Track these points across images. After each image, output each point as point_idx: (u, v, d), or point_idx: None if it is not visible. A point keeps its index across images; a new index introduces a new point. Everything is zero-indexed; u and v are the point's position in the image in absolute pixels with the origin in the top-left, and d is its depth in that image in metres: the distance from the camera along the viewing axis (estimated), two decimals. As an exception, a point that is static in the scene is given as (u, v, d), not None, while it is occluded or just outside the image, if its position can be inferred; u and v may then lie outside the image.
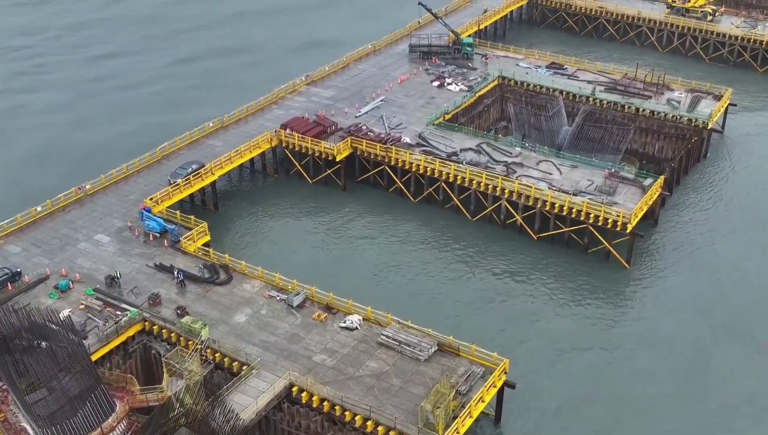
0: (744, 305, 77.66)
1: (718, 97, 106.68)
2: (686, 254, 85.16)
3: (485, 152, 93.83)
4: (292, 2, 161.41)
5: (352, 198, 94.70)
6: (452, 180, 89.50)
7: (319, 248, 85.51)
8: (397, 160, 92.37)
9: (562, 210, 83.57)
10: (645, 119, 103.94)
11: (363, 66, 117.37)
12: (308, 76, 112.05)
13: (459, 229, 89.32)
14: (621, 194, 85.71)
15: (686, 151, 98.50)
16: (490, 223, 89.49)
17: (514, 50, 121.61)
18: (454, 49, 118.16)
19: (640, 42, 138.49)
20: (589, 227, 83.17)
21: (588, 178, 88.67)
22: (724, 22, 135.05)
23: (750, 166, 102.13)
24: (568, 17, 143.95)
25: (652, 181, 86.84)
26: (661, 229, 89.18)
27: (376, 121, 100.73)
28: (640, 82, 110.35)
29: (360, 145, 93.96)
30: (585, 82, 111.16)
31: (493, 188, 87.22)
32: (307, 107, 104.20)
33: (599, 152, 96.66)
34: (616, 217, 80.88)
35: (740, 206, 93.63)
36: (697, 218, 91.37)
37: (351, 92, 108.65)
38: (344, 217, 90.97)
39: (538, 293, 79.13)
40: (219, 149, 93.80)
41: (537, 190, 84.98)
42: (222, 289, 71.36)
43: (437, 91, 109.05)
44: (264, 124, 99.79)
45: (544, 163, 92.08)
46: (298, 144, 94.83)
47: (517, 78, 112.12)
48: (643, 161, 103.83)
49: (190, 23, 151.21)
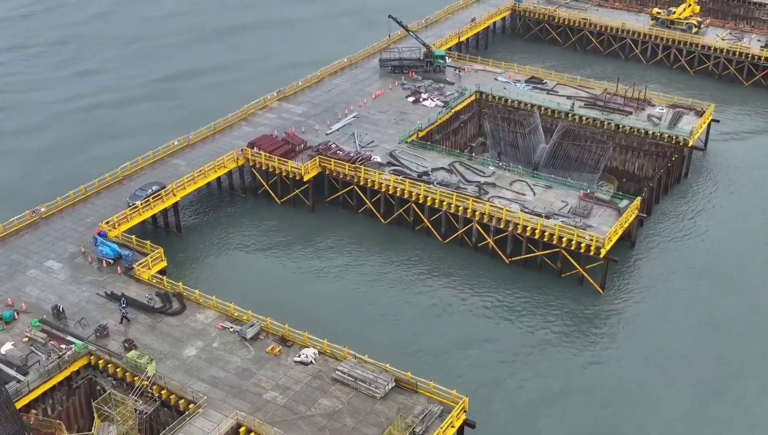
0: (721, 333, 74.64)
1: (700, 113, 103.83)
2: (663, 278, 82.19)
3: (457, 172, 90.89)
4: (271, 19, 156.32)
5: (320, 219, 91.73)
6: (422, 201, 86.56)
7: (282, 273, 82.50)
8: (366, 180, 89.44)
9: (534, 233, 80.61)
10: (624, 136, 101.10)
11: (337, 80, 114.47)
12: (280, 92, 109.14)
13: (429, 252, 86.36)
14: (596, 217, 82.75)
15: (666, 169, 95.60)
16: (462, 246, 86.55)
17: (492, 64, 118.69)
18: (426, 62, 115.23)
19: (624, 54, 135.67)
20: (562, 251, 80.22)
21: (562, 200, 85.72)
22: (709, 35, 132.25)
23: (732, 185, 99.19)
24: (552, 29, 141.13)
25: (628, 203, 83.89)
26: (638, 252, 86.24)
27: (348, 138, 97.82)
28: (620, 97, 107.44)
29: (328, 164, 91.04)
30: (564, 98, 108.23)
31: (464, 210, 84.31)
32: (278, 124, 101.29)
33: (577, 171, 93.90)
34: (589, 241, 77.95)
35: (721, 228, 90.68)
36: (675, 240, 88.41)
37: (323, 108, 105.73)
38: (311, 240, 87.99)
39: (508, 320, 76.17)
40: (183, 169, 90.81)
41: (508, 212, 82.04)
42: (174, 319, 68.33)
43: (412, 107, 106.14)
44: (231, 143, 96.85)
45: (518, 183, 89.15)
46: (265, 163, 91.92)
47: (495, 93, 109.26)
48: (623, 179, 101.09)
49: (165, 41, 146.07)
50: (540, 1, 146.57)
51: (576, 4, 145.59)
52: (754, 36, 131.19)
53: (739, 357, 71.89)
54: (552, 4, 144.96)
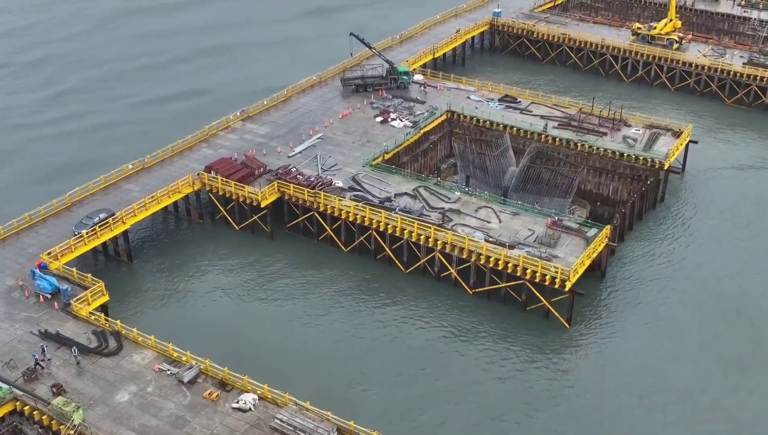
0: (694, 370, 70.85)
1: (677, 134, 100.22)
2: (633, 312, 78.46)
3: (421, 197, 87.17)
4: (245, 41, 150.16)
5: (279, 247, 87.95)
6: (383, 229, 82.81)
7: (232, 306, 78.65)
8: (326, 206, 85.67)
9: (498, 264, 76.86)
10: (598, 158, 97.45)
11: (305, 99, 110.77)
12: (244, 112, 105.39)
13: (390, 282, 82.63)
14: (563, 246, 79.01)
15: (640, 194, 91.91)
16: (424, 276, 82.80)
17: (466, 81, 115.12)
18: (390, 79, 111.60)
19: (604, 71, 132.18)
20: (526, 283, 76.45)
21: (529, 228, 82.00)
22: (691, 51, 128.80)
23: (711, 210, 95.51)
24: (531, 44, 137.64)
25: (596, 232, 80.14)
26: (608, 283, 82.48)
27: (310, 161, 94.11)
28: (596, 117, 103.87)
29: (287, 189, 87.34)
30: (538, 117, 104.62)
31: (426, 239, 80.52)
32: (239, 146, 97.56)
33: (548, 195, 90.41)
34: (554, 273, 74.22)
35: (697, 256, 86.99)
36: (648, 270, 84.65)
37: (288, 129, 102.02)
38: (266, 269, 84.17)
39: (468, 357, 72.37)
40: (135, 194, 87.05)
41: (471, 241, 78.27)
42: (109, 360, 64.51)
43: (380, 128, 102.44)
44: (189, 166, 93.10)
45: (484, 209, 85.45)
46: (222, 188, 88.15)
47: (467, 112, 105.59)
48: (597, 203, 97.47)
49: (134, 63, 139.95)
50: (519, 16, 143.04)
51: (556, 19, 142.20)
52: (737, 52, 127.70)
53: (710, 394, 68.09)
54: (532, 19, 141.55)
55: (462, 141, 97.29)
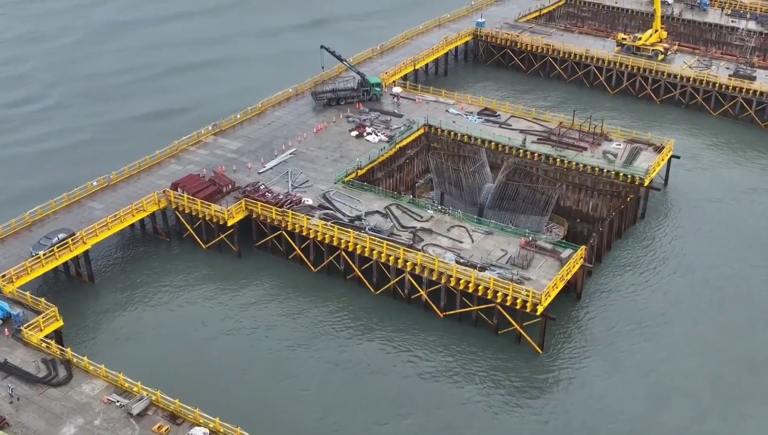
0: (672, 399, 68.27)
1: (659, 149, 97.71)
2: (609, 336, 75.91)
3: (392, 216, 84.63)
4: (231, 55, 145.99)
5: (246, 266, 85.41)
6: (352, 249, 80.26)
7: (194, 329, 76.06)
8: (294, 225, 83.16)
9: (468, 287, 74.30)
10: (578, 174, 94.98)
11: (280, 112, 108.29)
12: (216, 125, 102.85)
13: (359, 304, 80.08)
14: (536, 268, 76.48)
15: (618, 212, 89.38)
16: (394, 298, 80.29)
17: (445, 94, 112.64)
18: (362, 91, 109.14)
19: (588, 82, 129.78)
20: (497, 307, 73.89)
21: (502, 248, 79.46)
22: (677, 62, 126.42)
23: (693, 227, 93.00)
24: (515, 55, 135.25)
25: (571, 253, 77.60)
26: (584, 305, 79.93)
27: (281, 178, 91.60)
28: (576, 131, 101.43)
29: (255, 207, 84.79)
30: (517, 132, 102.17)
31: (395, 260, 77.96)
32: (209, 162, 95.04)
33: (524, 213, 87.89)
34: (525, 297, 71.68)
35: (677, 276, 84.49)
36: (626, 291, 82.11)
37: (260, 143, 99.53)
38: (232, 290, 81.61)
39: (437, 382, 69.91)
40: (98, 213, 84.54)
41: (441, 263, 75.71)
42: (57, 391, 61.88)
43: (355, 142, 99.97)
44: (156, 183, 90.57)
45: (457, 228, 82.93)
46: (188, 206, 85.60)
47: (444, 126, 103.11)
48: (576, 220, 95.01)
49: (118, 79, 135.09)
50: (504, 26, 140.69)
51: (541, 29, 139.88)
52: (723, 63, 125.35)
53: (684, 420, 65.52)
54: (516, 29, 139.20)
55: (437, 156, 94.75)
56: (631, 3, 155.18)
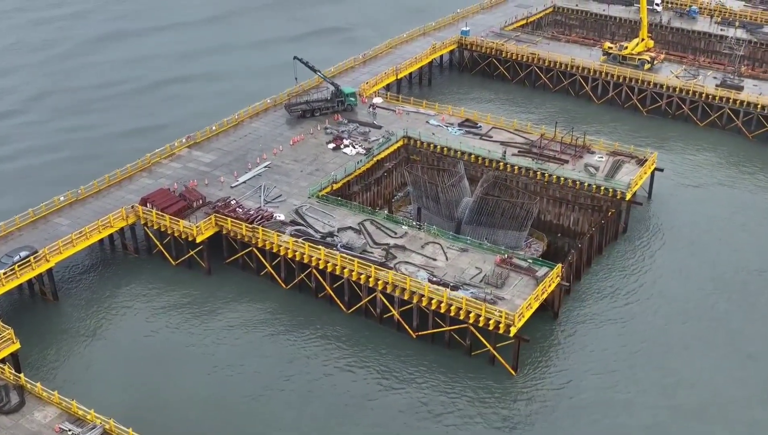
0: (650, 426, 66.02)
1: (642, 162, 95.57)
2: (585, 358, 73.66)
3: (366, 233, 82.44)
4: (217, 69, 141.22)
5: (216, 283, 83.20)
6: (323, 267, 78.06)
7: (159, 351, 73.81)
8: (264, 241, 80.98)
9: (440, 307, 72.09)
10: (559, 188, 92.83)
11: (257, 124, 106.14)
12: (190, 138, 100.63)
13: (331, 323, 77.91)
14: (511, 287, 74.30)
15: (599, 227, 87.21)
16: (367, 317, 78.10)
17: (426, 105, 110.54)
18: (337, 101, 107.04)
19: (574, 91, 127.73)
20: (470, 328, 71.67)
21: (477, 266, 77.28)
22: (664, 71, 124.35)
23: (676, 242, 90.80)
24: (500, 64, 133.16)
25: (547, 271, 75.41)
26: (561, 325, 77.72)
27: (254, 192, 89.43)
28: (558, 143, 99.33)
29: (225, 223, 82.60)
30: (498, 144, 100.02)
31: (366, 278, 75.76)
32: (181, 175, 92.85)
33: (502, 228, 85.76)
34: (498, 317, 69.47)
35: (659, 294, 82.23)
36: (605, 310, 79.86)
37: (235, 156, 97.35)
38: (200, 309, 79.38)
39: (409, 403, 67.87)
40: (65, 229, 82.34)
41: (413, 282, 73.51)
42: (7, 419, 59.67)
43: (331, 155, 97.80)
44: (126, 197, 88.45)
45: (431, 245, 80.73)
46: (156, 222, 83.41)
47: (424, 138, 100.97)
48: (557, 234, 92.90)
49: (101, 92, 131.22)
50: (489, 35, 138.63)
51: (527, 38, 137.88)
52: (711, 73, 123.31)
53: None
54: (502, 38, 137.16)
55: (414, 169, 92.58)
56: (619, 11, 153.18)
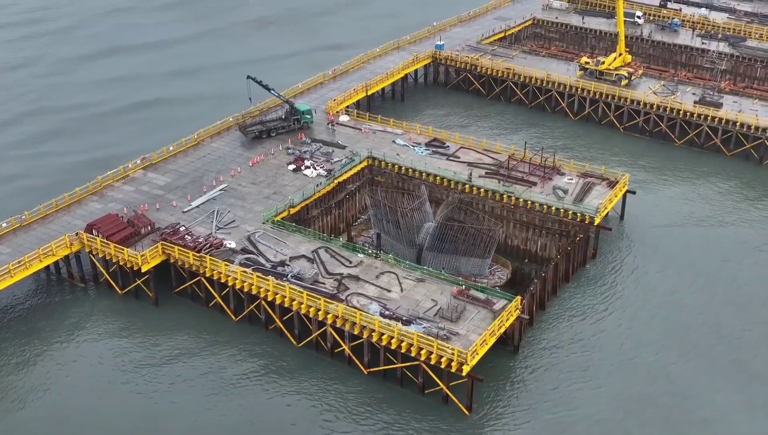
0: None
1: (613, 184, 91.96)
2: (547, 394, 70.02)
3: (319, 261, 78.72)
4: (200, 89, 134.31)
5: (163, 314, 79.58)
6: (271, 298, 74.37)
7: (94, 389, 70.10)
8: (212, 271, 77.29)
9: (391, 342, 68.35)
10: (526, 212, 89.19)
11: (217, 144, 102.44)
12: (145, 159, 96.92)
13: (281, 356, 74.37)
14: (467, 320, 70.61)
15: (565, 254, 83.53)
16: (317, 351, 74.41)
17: (393, 123, 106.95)
18: (292, 120, 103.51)
19: (550, 107, 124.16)
20: (422, 365, 67.92)
21: (433, 298, 73.57)
22: (642, 87, 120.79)
23: (648, 270, 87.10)
24: (474, 79, 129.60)
25: (505, 304, 71.70)
26: (521, 360, 74.01)
27: (206, 217, 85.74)
28: (527, 163, 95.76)
29: (172, 251, 78.90)
30: (465, 165, 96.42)
31: (316, 311, 72.03)
32: (132, 199, 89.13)
33: (465, 255, 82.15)
34: (450, 355, 65.75)
35: (625, 325, 78.65)
36: (569, 344, 76.17)
37: (191, 178, 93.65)
38: (145, 343, 75.70)
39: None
40: (4, 257, 78.62)
41: (363, 316, 69.77)
42: None
43: (291, 177, 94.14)
44: (72, 223, 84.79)
45: (387, 275, 77.02)
46: (101, 250, 79.71)
47: (388, 159, 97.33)
48: (524, 260, 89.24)
49: (74, 114, 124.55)
50: (465, 48, 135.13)
51: (504, 52, 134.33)
52: (690, 89, 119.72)
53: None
54: (478, 52, 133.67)
55: (374, 192, 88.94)
56: (599, 23, 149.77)
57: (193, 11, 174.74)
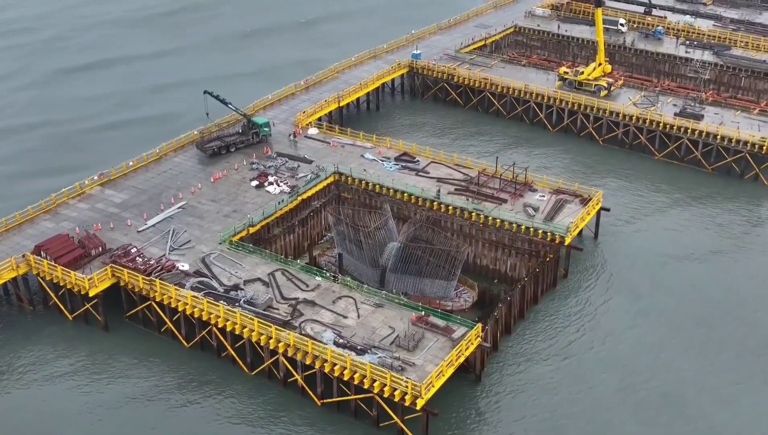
0: None
1: (586, 201, 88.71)
2: (508, 428, 66.79)
3: (275, 285, 75.44)
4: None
5: (113, 340, 76.33)
6: (222, 325, 71.08)
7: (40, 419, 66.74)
8: (163, 295, 74.00)
9: (344, 373, 65.07)
10: (495, 230, 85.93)
11: (180, 158, 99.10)
12: (103, 175, 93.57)
13: (233, 386, 71.14)
14: (425, 349, 67.35)
15: (533, 276, 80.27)
16: (270, 380, 71.21)
17: (363, 137, 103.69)
18: (251, 134, 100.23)
19: (528, 118, 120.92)
20: (375, 397, 64.63)
21: (390, 325, 70.28)
22: (623, 97, 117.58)
23: (620, 290, 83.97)
24: (452, 89, 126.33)
25: (465, 332, 68.42)
26: (483, 390, 70.81)
27: (161, 237, 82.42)
28: (498, 178, 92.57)
29: (122, 274, 75.59)
30: (434, 180, 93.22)
31: (267, 339, 68.75)
32: (86, 218, 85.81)
33: (430, 276, 78.92)
34: (404, 388, 62.45)
35: (596, 352, 75.39)
36: (534, 371, 72.94)
37: (149, 195, 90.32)
38: (93, 371, 72.46)
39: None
40: (-55, 282, 75.34)
41: (315, 345, 66.46)
42: None
43: (253, 194, 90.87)
44: (21, 244, 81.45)
45: (345, 299, 73.73)
46: (49, 273, 76.39)
47: (355, 175, 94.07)
48: (494, 280, 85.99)
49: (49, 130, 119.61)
50: (443, 58, 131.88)
51: (482, 61, 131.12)
52: (671, 100, 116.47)
53: None
54: (456, 61, 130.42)
55: (335, 211, 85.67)
56: (582, 31, 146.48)
57: (162, 27, 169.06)
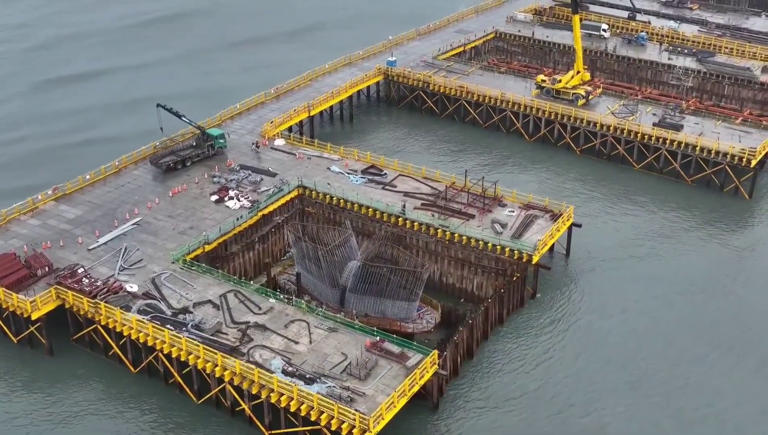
0: None
1: (556, 217, 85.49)
2: (462, 460, 63.43)
3: (226, 308, 72.17)
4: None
5: (57, 365, 73.20)
6: (168, 351, 67.85)
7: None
8: (108, 319, 70.76)
9: (290, 404, 61.84)
10: (461, 248, 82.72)
11: (139, 171, 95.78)
12: (57, 189, 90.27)
13: (180, 414, 68.14)
14: (377, 378, 64.11)
15: (498, 297, 77.06)
16: (218, 409, 68.04)
17: (331, 149, 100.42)
18: (206, 146, 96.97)
19: (505, 127, 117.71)
20: (323, 430, 61.37)
21: (343, 351, 66.99)
22: (601, 106, 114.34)
23: (591, 309, 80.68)
24: (427, 97, 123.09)
25: (420, 359, 65.15)
26: (441, 417, 67.59)
27: (112, 256, 79.14)
28: (467, 193, 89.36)
29: (67, 296, 72.33)
30: (401, 195, 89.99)
31: (213, 367, 65.50)
32: (36, 235, 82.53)
33: (390, 297, 75.62)
34: (352, 421, 59.20)
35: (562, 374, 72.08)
36: (495, 398, 69.66)
37: (104, 211, 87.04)
38: (34, 398, 69.38)
39: None
40: None
41: (262, 373, 63.20)
42: None
43: (212, 209, 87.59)
44: (-34, 263, 78.00)
45: (297, 323, 70.47)
46: (-10, 295, 73.24)
47: (320, 189, 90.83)
48: (460, 299, 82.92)
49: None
50: (419, 65, 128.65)
51: (460, 68, 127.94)
52: (650, 109, 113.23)
53: None
54: (432, 68, 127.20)
55: (294, 228, 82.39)
56: (563, 37, 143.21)
57: (137, 39, 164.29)
